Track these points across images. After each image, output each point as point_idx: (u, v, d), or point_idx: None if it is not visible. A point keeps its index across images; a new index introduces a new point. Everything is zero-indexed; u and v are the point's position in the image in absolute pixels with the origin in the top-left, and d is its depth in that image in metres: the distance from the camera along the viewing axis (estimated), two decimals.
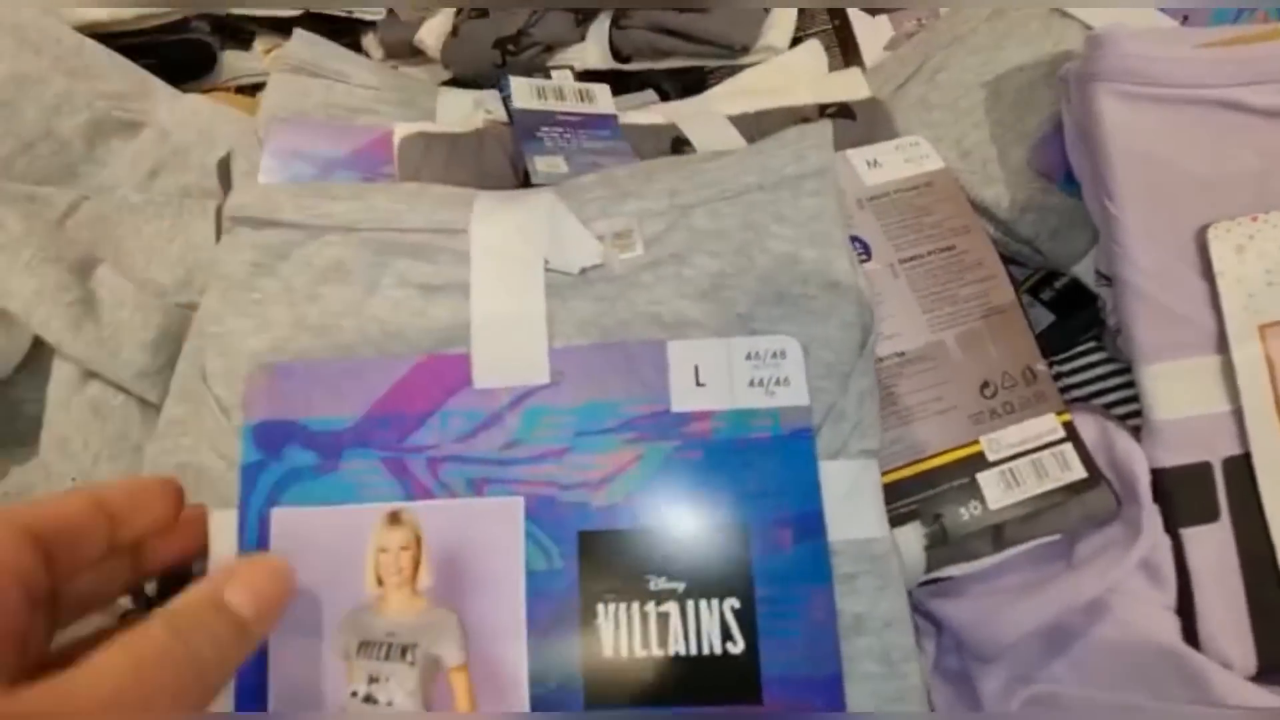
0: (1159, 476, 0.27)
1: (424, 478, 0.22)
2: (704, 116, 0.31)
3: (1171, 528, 0.26)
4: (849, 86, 0.33)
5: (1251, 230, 0.26)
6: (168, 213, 0.32)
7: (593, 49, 0.42)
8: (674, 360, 0.23)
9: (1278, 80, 0.26)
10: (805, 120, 0.31)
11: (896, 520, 0.25)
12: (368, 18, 0.50)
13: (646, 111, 0.32)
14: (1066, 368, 0.32)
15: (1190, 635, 0.26)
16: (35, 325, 0.27)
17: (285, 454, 0.22)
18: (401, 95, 0.37)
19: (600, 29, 0.42)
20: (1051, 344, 0.34)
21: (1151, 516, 0.26)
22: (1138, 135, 0.26)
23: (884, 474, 0.25)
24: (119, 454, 0.27)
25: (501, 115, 0.36)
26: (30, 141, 0.33)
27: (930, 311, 0.27)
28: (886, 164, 0.30)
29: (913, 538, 0.25)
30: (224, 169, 0.32)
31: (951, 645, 0.26)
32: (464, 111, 0.35)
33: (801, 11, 0.41)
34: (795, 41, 0.41)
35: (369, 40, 0.51)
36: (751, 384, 0.22)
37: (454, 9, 0.47)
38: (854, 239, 0.28)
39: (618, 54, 0.42)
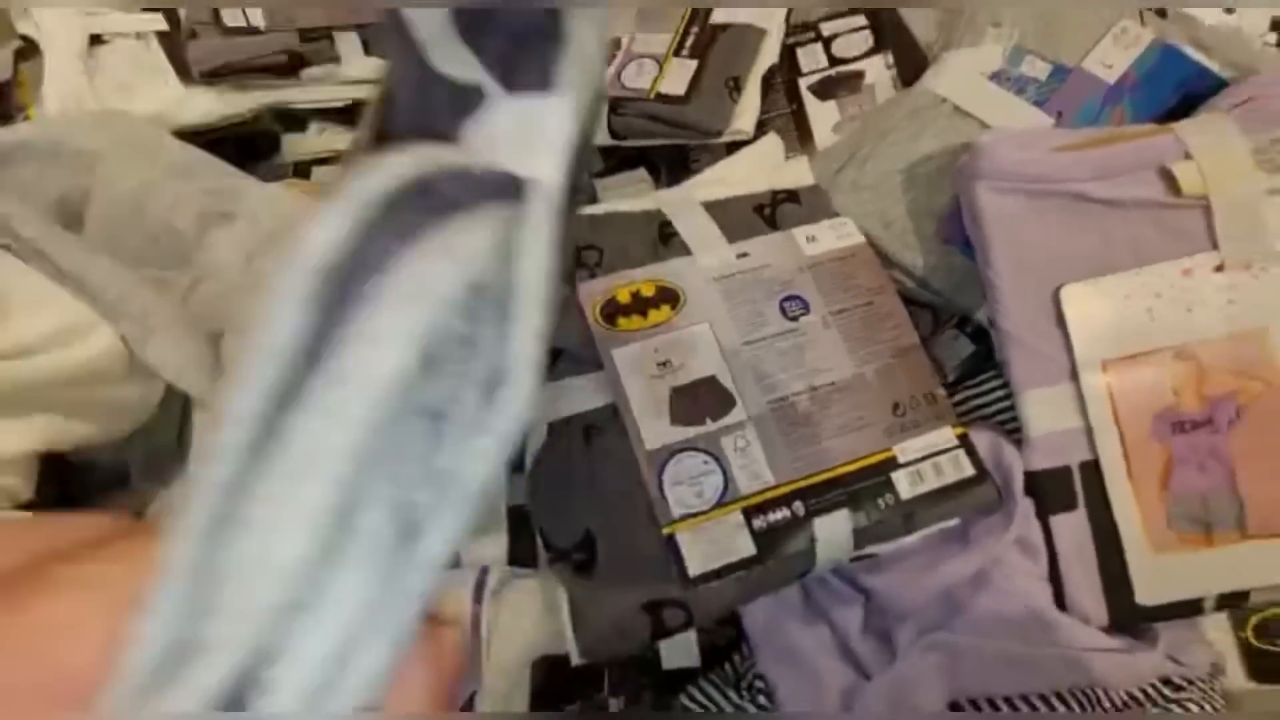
0: (1032, 477, 0.35)
1: None
2: (684, 204, 0.39)
3: (1042, 516, 0.35)
4: (797, 175, 0.41)
5: (1093, 290, 0.34)
6: (265, 289, 0.41)
7: None
8: None
9: (1113, 177, 0.34)
10: (761, 206, 0.40)
11: (830, 508, 0.33)
12: None
13: (638, 199, 0.40)
14: (978, 390, 0.41)
15: (1059, 598, 0.34)
16: (184, 386, 0.36)
17: None
18: None
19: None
20: (970, 369, 0.42)
21: (1024, 507, 0.34)
22: (1007, 220, 0.35)
23: (820, 473, 0.33)
24: None
25: None
26: (155, 235, 0.42)
27: (854, 352, 0.36)
28: (821, 239, 0.38)
29: (842, 522, 0.33)
30: None
31: (876, 609, 0.35)
32: None
33: (765, 96, 0.50)
34: (760, 124, 0.49)
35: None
36: None
37: None
38: (795, 297, 0.37)
39: (615, 134, 0.51)
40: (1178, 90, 0.38)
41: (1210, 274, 0.33)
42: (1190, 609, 0.33)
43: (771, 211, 0.40)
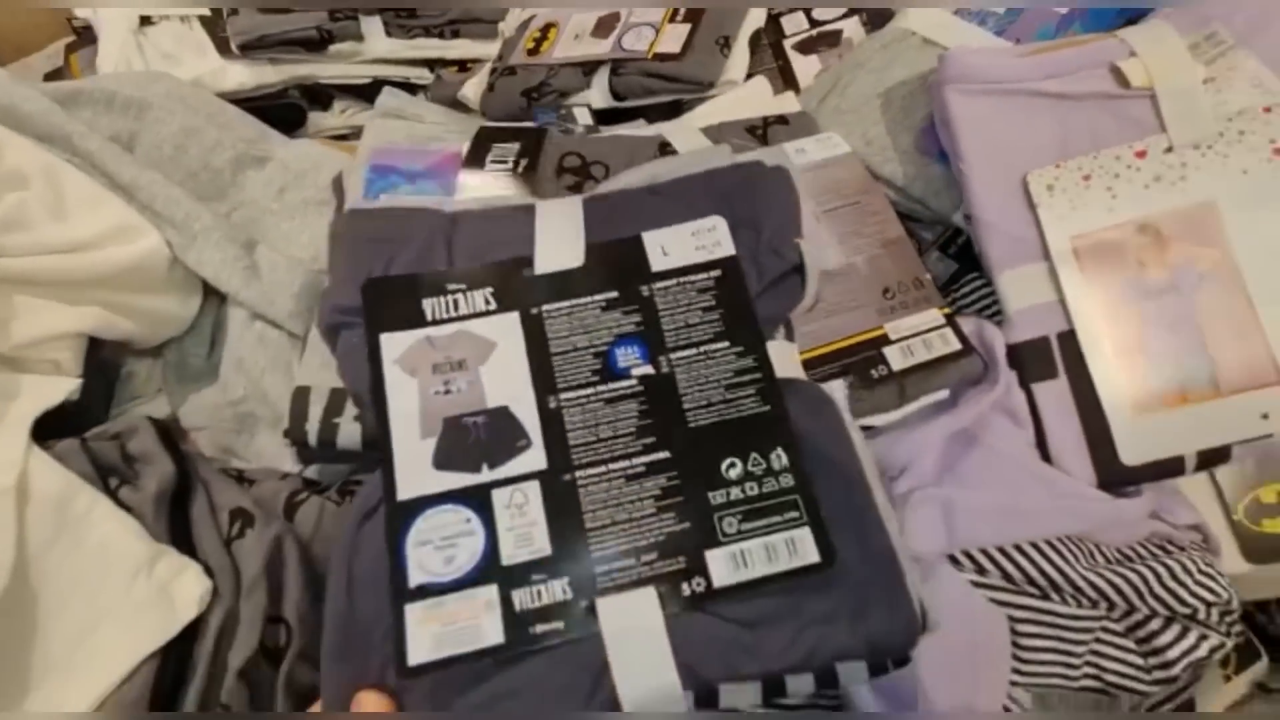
0: (1014, 350, 0.37)
1: None
2: (682, 128, 0.43)
3: (1025, 385, 0.37)
4: (785, 104, 0.45)
5: (1056, 174, 0.37)
6: (297, 214, 0.44)
7: (596, 93, 0.56)
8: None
9: (1068, 73, 0.38)
10: (753, 127, 0.43)
11: (827, 378, 0.35)
12: (421, 82, 0.65)
13: (640, 128, 0.44)
14: (962, 291, 0.43)
15: (1047, 460, 0.36)
16: (221, 284, 0.39)
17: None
18: (461, 127, 0.49)
19: (601, 78, 0.55)
20: (952, 280, 0.45)
21: (1005, 374, 0.36)
22: (975, 118, 0.38)
23: (816, 348, 0.36)
24: (277, 368, 0.38)
25: None
26: (194, 172, 0.45)
27: (845, 243, 0.39)
28: (810, 150, 0.42)
29: (839, 389, 0.35)
30: (337, 184, 0.45)
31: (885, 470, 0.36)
32: None
33: (753, 54, 0.54)
34: (749, 77, 0.54)
35: (422, 98, 0.65)
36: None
37: (489, 70, 0.61)
38: None
39: (616, 95, 0.55)
40: (1119, 16, 0.42)
41: (1162, 154, 0.36)
42: (1173, 467, 0.35)
43: (763, 131, 0.43)
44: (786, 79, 0.53)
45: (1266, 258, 0.35)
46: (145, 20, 0.57)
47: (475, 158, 0.41)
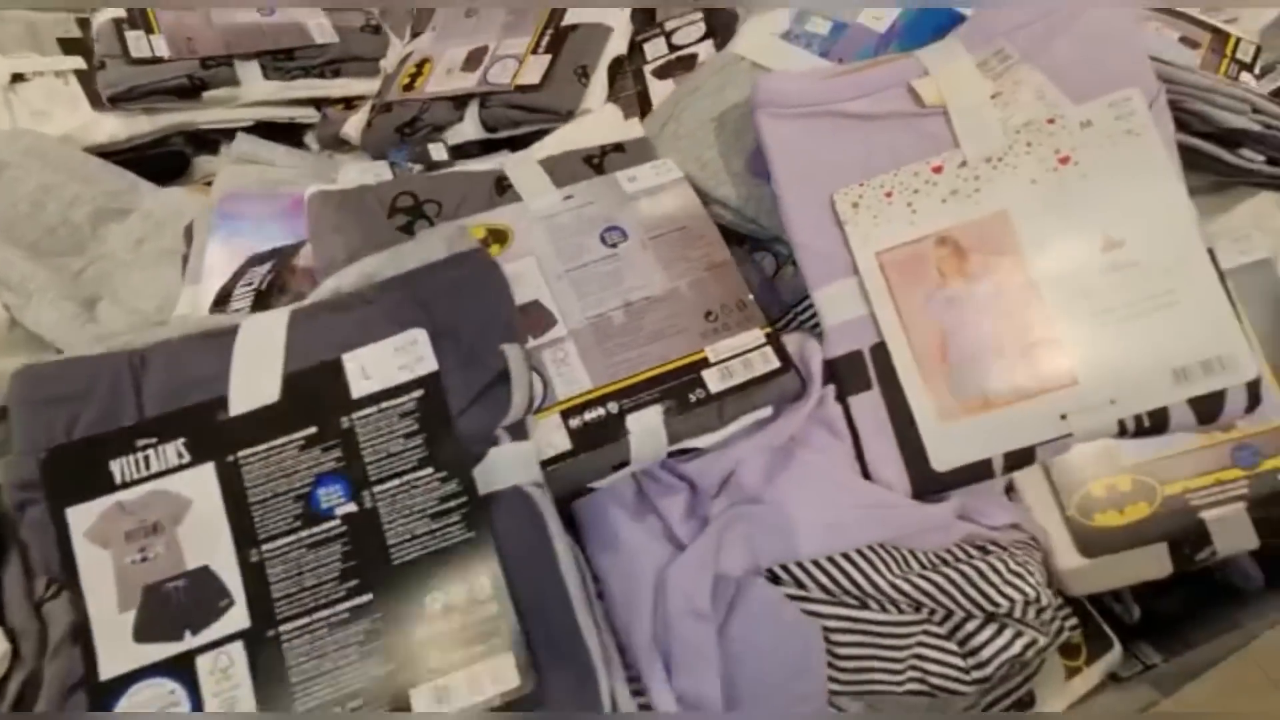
0: (832, 364, 0.38)
1: None
2: (522, 161, 0.44)
3: (841, 398, 0.38)
4: (628, 131, 0.47)
5: (861, 192, 0.38)
6: (150, 265, 0.45)
7: (469, 126, 0.57)
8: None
9: (869, 94, 0.39)
10: (591, 157, 0.45)
11: (643, 405, 0.36)
12: (307, 121, 0.66)
13: (482, 161, 0.45)
14: (808, 312, 0.45)
15: (865, 473, 0.37)
16: (59, 342, 0.39)
17: None
18: (315, 169, 0.50)
19: (472, 111, 0.57)
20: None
21: (820, 389, 0.38)
22: (785, 140, 0.40)
23: (635, 375, 0.37)
24: None
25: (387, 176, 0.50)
26: (53, 228, 0.46)
27: (669, 268, 0.40)
28: (642, 178, 0.43)
29: (654, 417, 0.36)
30: (188, 232, 0.46)
31: (700, 495, 0.37)
32: (356, 178, 0.49)
33: (616, 81, 0.56)
34: (609, 104, 0.55)
35: (309, 137, 0.66)
36: None
37: (369, 107, 0.62)
38: (615, 228, 0.41)
39: (487, 127, 0.57)
40: (936, 33, 0.44)
41: (957, 168, 0.38)
42: (982, 471, 0.36)
43: (600, 160, 0.44)
44: (644, 105, 0.54)
45: (1057, 263, 0.36)
46: (17, 77, 0.58)
47: (226, 290, 0.40)
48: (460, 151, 0.57)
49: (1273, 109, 0.38)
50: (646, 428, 0.36)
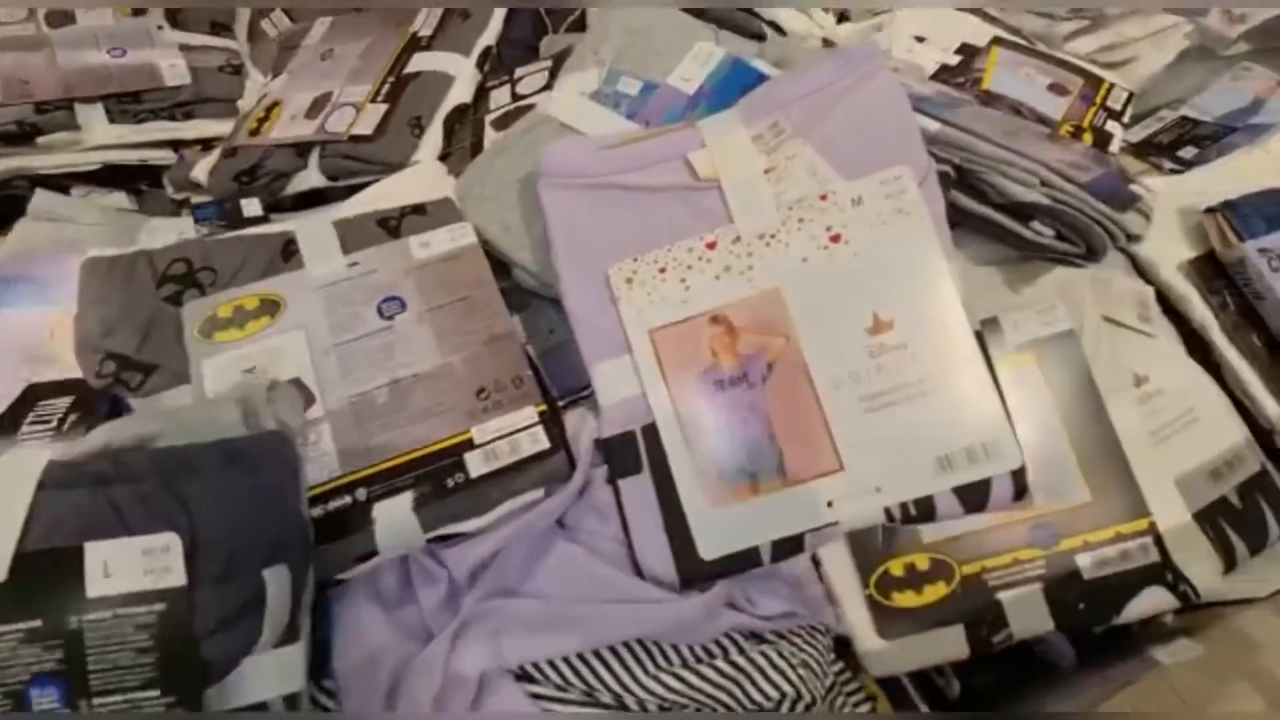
0: (606, 444, 0.37)
1: None
2: (315, 224, 0.43)
3: (613, 480, 0.37)
4: (437, 190, 0.45)
5: (635, 267, 0.37)
6: None
7: (313, 173, 0.55)
8: None
9: (647, 167, 0.38)
10: (388, 219, 0.43)
11: (393, 492, 0.35)
12: (162, 163, 0.64)
13: (275, 225, 0.44)
14: None
15: (633, 559, 0.36)
16: None
17: None
18: (118, 229, 0.49)
19: (314, 159, 0.55)
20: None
21: (584, 473, 0.36)
22: (564, 212, 0.38)
23: (392, 458, 0.35)
24: None
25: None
26: None
27: (444, 342, 0.38)
28: (435, 243, 0.42)
29: (404, 505, 0.35)
30: None
31: (455, 587, 0.36)
32: (165, 238, 0.47)
33: (451, 134, 0.55)
34: (446, 156, 0.54)
35: (166, 179, 0.65)
36: None
37: (220, 151, 0.60)
38: (394, 298, 0.40)
39: (329, 176, 0.55)
40: (743, 94, 0.43)
41: (731, 244, 0.37)
42: (750, 559, 0.35)
43: (398, 223, 0.43)
44: (476, 156, 0.53)
45: (828, 344, 0.35)
46: None
47: (11, 421, 0.38)
48: (306, 199, 0.56)
49: (1062, 184, 0.38)
50: (394, 517, 0.34)
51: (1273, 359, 0.46)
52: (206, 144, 0.66)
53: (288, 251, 0.42)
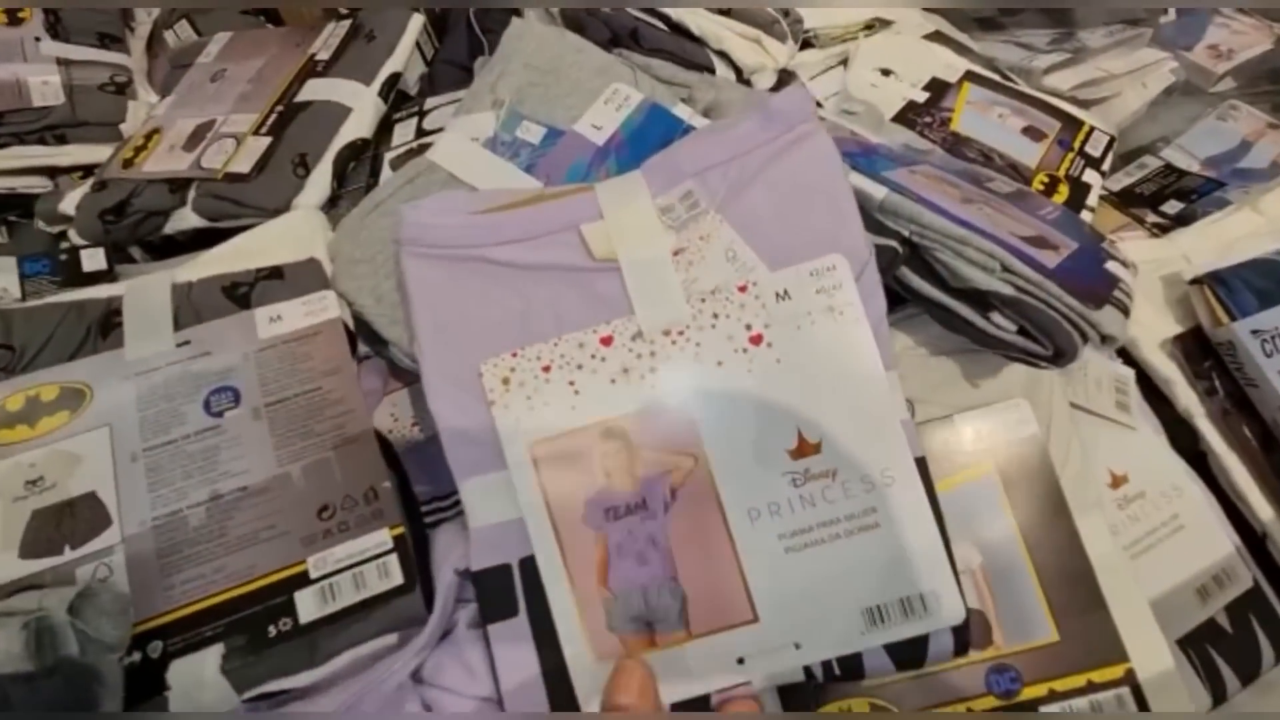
0: (476, 578, 0.30)
1: None
2: (149, 287, 0.36)
3: (483, 624, 0.30)
4: (301, 251, 0.38)
5: (514, 364, 0.31)
6: None
7: (190, 213, 0.48)
8: None
9: (532, 239, 0.31)
10: (237, 284, 0.36)
11: (196, 646, 0.28)
12: (35, 191, 0.56)
13: (98, 289, 0.36)
14: None
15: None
16: None
17: None
18: None
19: (192, 196, 0.48)
20: None
21: (444, 616, 0.29)
22: (429, 288, 0.32)
23: (198, 601, 0.28)
24: None
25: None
26: None
27: (283, 447, 0.32)
28: (288, 317, 0.35)
29: (209, 662, 0.28)
30: None
31: None
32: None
33: (344, 174, 0.48)
34: (337, 198, 0.47)
35: (36, 211, 0.57)
36: None
37: (89, 185, 0.53)
38: (227, 389, 0.33)
39: (207, 216, 0.48)
40: (663, 146, 0.36)
41: (630, 341, 0.30)
42: None
43: (249, 290, 0.36)
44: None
45: (743, 468, 0.29)
46: None
47: None
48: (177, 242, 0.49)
49: (1025, 271, 0.32)
50: (196, 678, 0.27)
51: (1266, 453, 0.41)
52: (87, 171, 0.58)
53: (108, 324, 0.34)
